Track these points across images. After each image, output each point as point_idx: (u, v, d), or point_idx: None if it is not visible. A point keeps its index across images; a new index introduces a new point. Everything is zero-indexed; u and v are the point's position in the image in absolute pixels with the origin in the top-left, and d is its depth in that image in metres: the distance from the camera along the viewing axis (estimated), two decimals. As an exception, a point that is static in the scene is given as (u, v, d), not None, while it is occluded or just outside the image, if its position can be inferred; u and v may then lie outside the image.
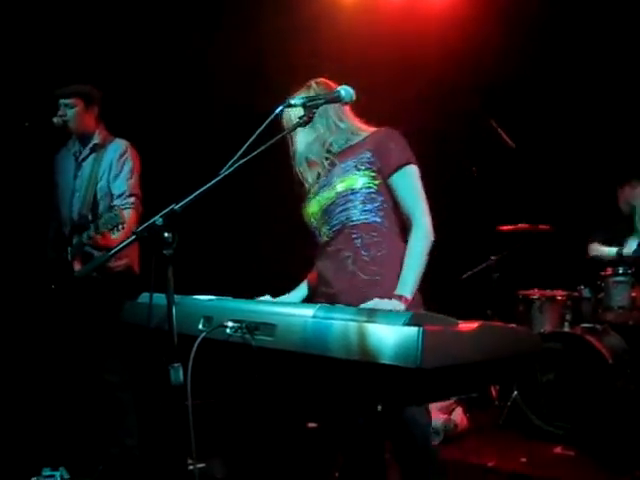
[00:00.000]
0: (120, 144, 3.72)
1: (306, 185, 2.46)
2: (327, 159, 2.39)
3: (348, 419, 2.35)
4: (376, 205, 2.30)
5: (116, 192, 3.63)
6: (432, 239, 2.24)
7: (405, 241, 2.29)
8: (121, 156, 3.68)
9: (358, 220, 2.29)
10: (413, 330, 1.41)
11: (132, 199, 3.61)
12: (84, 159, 3.74)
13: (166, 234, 1.76)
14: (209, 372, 1.99)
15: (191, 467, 1.83)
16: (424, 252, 2.21)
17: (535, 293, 4.87)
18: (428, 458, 2.30)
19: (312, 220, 2.43)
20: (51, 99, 3.70)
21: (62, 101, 3.66)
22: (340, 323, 1.57)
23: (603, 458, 3.85)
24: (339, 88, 2.15)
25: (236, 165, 1.88)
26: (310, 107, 1.99)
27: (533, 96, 5.40)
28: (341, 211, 2.31)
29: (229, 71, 4.96)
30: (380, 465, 2.32)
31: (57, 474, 3.45)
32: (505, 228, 5.09)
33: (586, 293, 4.90)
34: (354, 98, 2.16)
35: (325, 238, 2.38)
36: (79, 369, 3.70)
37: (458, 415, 4.35)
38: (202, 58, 5.02)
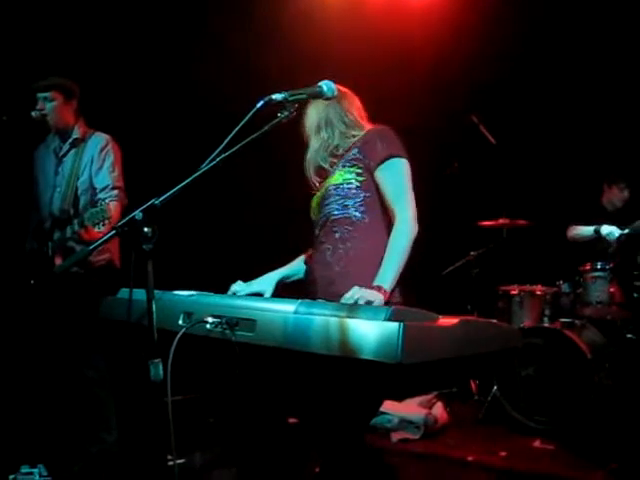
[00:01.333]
0: (101, 138, 3.69)
1: (314, 189, 2.54)
2: (333, 164, 2.46)
3: (328, 414, 2.35)
4: (357, 200, 2.33)
5: (99, 186, 3.60)
6: (414, 233, 2.24)
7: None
8: (102, 150, 3.65)
9: (338, 214, 2.35)
10: (394, 325, 1.41)
11: (116, 192, 3.58)
12: (64, 154, 3.70)
13: (146, 229, 1.74)
14: (189, 368, 1.98)
15: (171, 463, 1.82)
16: (405, 246, 2.21)
17: (515, 288, 4.91)
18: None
19: (314, 215, 2.52)
20: (29, 92, 3.66)
21: (40, 95, 3.61)
22: (321, 318, 1.57)
23: (581, 451, 3.90)
24: (321, 83, 2.13)
25: (216, 160, 1.87)
26: (292, 102, 1.98)
27: (513, 92, 5.43)
28: (326, 205, 2.39)
29: (212, 65, 4.94)
30: (362, 459, 2.31)
31: (35, 471, 3.41)
32: (485, 223, 5.12)
33: (565, 288, 4.95)
34: (336, 93, 2.15)
35: (316, 231, 2.46)
36: (58, 365, 3.67)
37: (438, 410, 4.38)
38: (184, 52, 5.00)
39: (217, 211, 5.25)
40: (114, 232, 1.78)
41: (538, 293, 4.84)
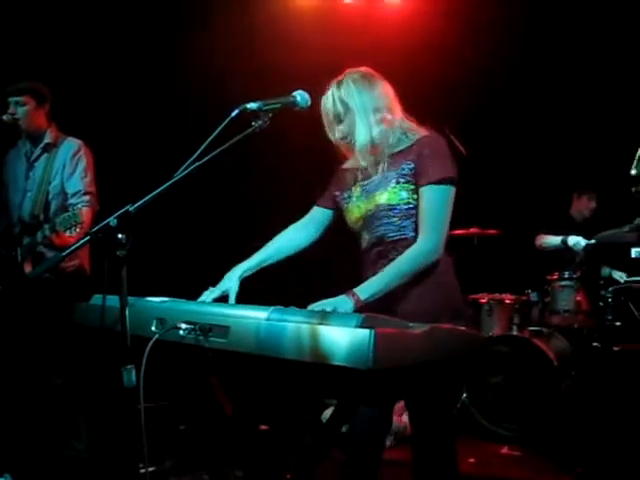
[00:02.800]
0: (73, 143, 3.68)
1: (346, 167, 2.44)
2: (377, 164, 2.32)
3: (301, 420, 2.37)
4: (414, 220, 2.24)
5: (71, 191, 3.58)
6: (430, 261, 2.19)
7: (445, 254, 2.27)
8: (74, 155, 3.64)
9: (395, 236, 2.26)
10: (365, 332, 1.43)
11: (88, 197, 3.58)
12: (36, 159, 3.68)
13: (120, 235, 1.76)
14: (161, 374, 1.99)
15: (142, 470, 1.82)
16: (409, 268, 2.16)
17: (484, 297, 4.97)
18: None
19: (353, 225, 2.39)
20: (0, 96, 3.63)
21: (12, 99, 3.60)
22: (293, 325, 1.58)
23: (548, 457, 3.96)
24: (295, 93, 2.14)
25: (190, 168, 1.89)
26: (266, 112, 2.00)
27: (483, 104, 5.52)
28: (379, 225, 2.28)
29: (186, 71, 4.95)
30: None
31: (1, 480, 3.38)
32: (456, 232, 5.18)
33: (533, 297, 5.04)
34: (309, 103, 2.16)
35: (365, 244, 2.36)
36: (26, 372, 3.63)
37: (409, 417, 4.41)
38: (160, 58, 5.00)
39: (190, 217, 5.24)
40: (88, 238, 1.79)
41: (507, 302, 4.91)
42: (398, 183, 2.24)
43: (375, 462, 2.37)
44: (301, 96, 2.15)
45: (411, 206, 2.24)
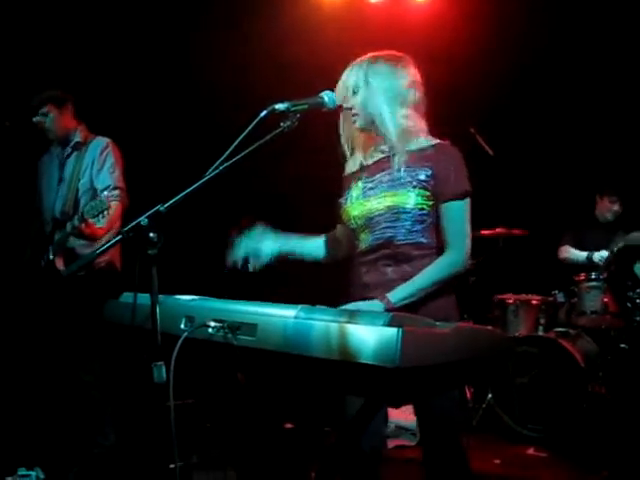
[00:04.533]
0: (101, 141, 3.77)
1: (347, 174, 2.44)
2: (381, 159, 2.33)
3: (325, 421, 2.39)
4: (424, 226, 2.23)
5: (100, 186, 3.65)
6: (458, 271, 2.20)
7: None
8: (102, 152, 3.72)
9: (404, 240, 2.23)
10: (393, 330, 1.45)
11: (117, 192, 3.63)
12: (67, 158, 3.77)
13: (151, 234, 1.79)
14: (188, 372, 2.01)
15: (172, 466, 1.85)
16: (440, 276, 2.17)
17: (510, 297, 4.95)
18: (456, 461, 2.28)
19: (352, 222, 2.34)
20: (30, 100, 3.73)
21: (39, 110, 3.70)
22: (321, 324, 1.60)
23: (574, 459, 3.93)
24: (322, 94, 2.16)
25: (220, 169, 1.91)
26: (294, 112, 2.02)
27: (510, 104, 5.49)
28: (387, 227, 2.24)
29: (217, 72, 4.99)
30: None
31: (33, 474, 3.43)
32: (482, 232, 5.16)
33: (560, 298, 5.00)
34: (337, 104, 2.18)
35: (365, 245, 2.31)
36: (56, 368, 3.70)
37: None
38: (190, 60, 5.05)
39: (220, 217, 5.28)
40: (120, 237, 1.82)
41: (533, 302, 4.88)
42: (414, 187, 2.21)
43: (376, 461, 2.35)
44: (329, 97, 2.16)
45: (424, 212, 2.21)
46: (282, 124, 2.01)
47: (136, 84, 4.88)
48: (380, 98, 2.25)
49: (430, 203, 2.21)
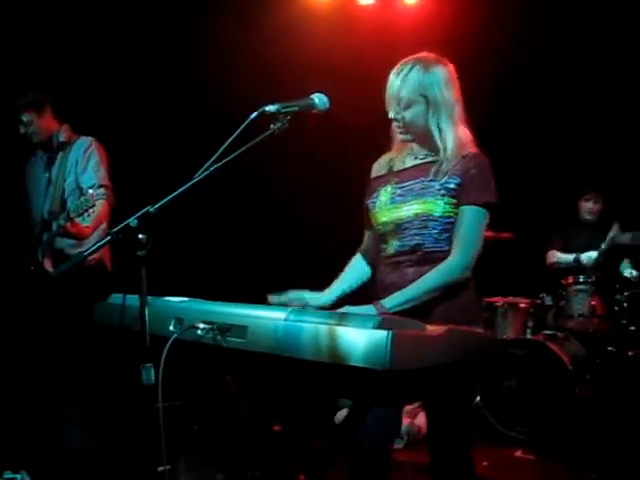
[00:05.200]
0: (84, 140, 3.77)
1: (374, 176, 2.42)
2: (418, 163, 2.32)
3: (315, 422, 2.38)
4: (450, 234, 2.22)
5: (85, 185, 3.63)
6: (461, 278, 2.19)
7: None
8: (86, 151, 3.72)
9: (432, 247, 2.22)
10: (382, 333, 1.45)
11: (102, 190, 3.63)
12: (52, 159, 3.77)
13: (140, 235, 1.78)
14: (177, 374, 2.01)
15: (160, 469, 1.84)
16: (438, 283, 2.16)
17: (499, 300, 4.96)
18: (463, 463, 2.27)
19: (380, 227, 2.34)
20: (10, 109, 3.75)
21: (19, 117, 3.72)
22: (311, 326, 1.60)
23: (562, 461, 3.95)
24: (312, 96, 2.15)
25: (210, 170, 1.91)
26: (285, 114, 2.01)
27: (500, 106, 5.51)
28: (416, 234, 2.24)
29: (208, 73, 4.99)
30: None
31: (18, 477, 3.41)
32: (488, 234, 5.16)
33: (548, 301, 5.02)
34: (327, 106, 2.17)
35: (392, 250, 2.30)
36: (34, 366, 3.68)
37: (422, 419, 4.41)
38: (181, 60, 5.04)
39: (210, 218, 5.28)
40: (109, 238, 1.82)
41: (521, 305, 4.90)
42: (443, 196, 2.20)
43: (384, 466, 2.34)
44: (319, 99, 2.15)
45: (451, 220, 2.21)
46: (272, 126, 2.01)
47: (125, 84, 4.87)
48: (439, 114, 2.23)
49: (457, 211, 2.21)
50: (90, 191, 3.34)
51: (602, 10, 5.12)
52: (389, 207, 2.30)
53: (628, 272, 4.79)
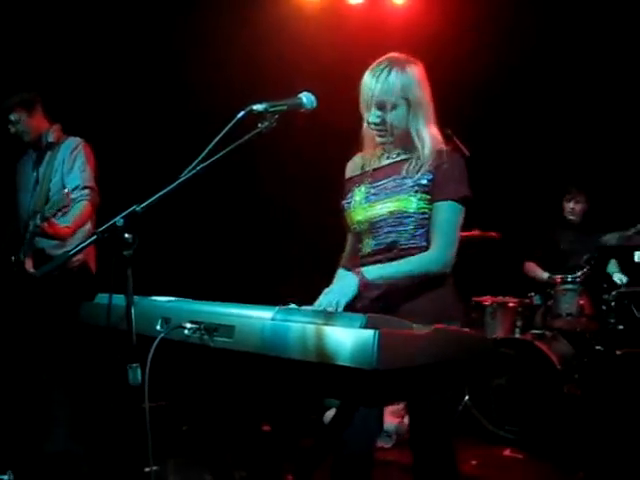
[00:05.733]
0: (72, 141, 3.78)
1: (348, 177, 2.43)
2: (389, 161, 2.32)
3: (303, 422, 2.37)
4: (426, 230, 2.24)
5: (70, 186, 3.62)
6: (438, 272, 2.21)
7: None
8: (73, 151, 3.73)
9: (407, 244, 2.23)
10: (369, 332, 1.44)
11: (87, 191, 3.66)
12: (41, 159, 3.78)
13: (126, 235, 1.77)
14: (164, 374, 2.00)
15: (147, 469, 1.83)
16: (417, 270, 2.18)
17: (487, 300, 4.98)
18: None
19: (355, 226, 2.35)
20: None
21: (9, 116, 3.71)
22: (298, 325, 1.59)
23: (551, 460, 3.96)
24: (301, 95, 2.14)
25: (197, 169, 1.90)
26: (273, 113, 2.01)
27: (489, 105, 5.52)
28: (390, 232, 2.25)
29: (192, 71, 4.97)
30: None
31: (5, 478, 3.39)
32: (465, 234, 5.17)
33: (536, 300, 5.04)
34: (315, 105, 2.16)
35: (368, 249, 2.32)
36: (26, 371, 3.66)
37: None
38: (167, 59, 5.03)
39: (196, 217, 5.27)
40: (95, 237, 1.80)
41: (510, 305, 4.92)
42: (416, 192, 2.21)
43: (368, 464, 2.34)
44: (307, 97, 2.14)
45: (425, 216, 2.22)
46: (260, 125, 2.00)
47: (112, 83, 4.84)
48: (418, 115, 2.24)
49: (430, 206, 2.23)
50: (65, 190, 3.35)
51: (592, 11, 5.14)
52: (364, 206, 2.31)
53: (618, 278, 4.81)
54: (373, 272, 2.14)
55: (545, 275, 5.04)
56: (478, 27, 5.16)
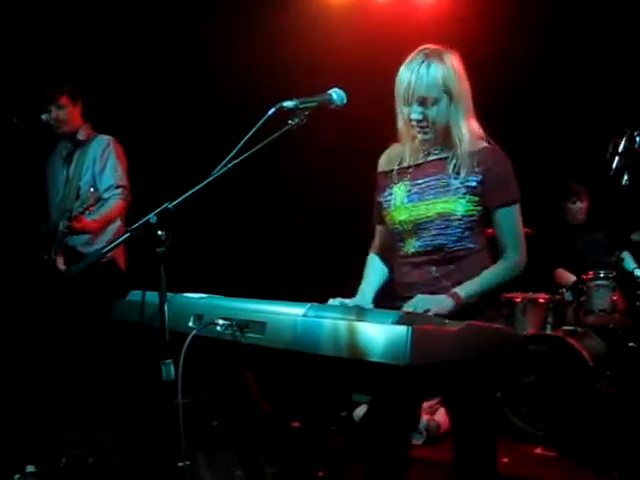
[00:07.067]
0: (103, 139, 3.80)
1: (382, 171, 2.38)
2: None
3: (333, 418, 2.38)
4: (473, 232, 2.22)
5: (103, 186, 3.67)
6: (515, 274, 2.24)
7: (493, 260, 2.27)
8: (104, 150, 3.75)
9: (454, 246, 2.20)
10: (402, 329, 1.44)
11: (119, 190, 3.70)
12: (70, 157, 3.81)
13: (159, 232, 1.79)
14: (196, 370, 2.01)
15: (180, 464, 1.85)
16: (501, 278, 2.22)
17: (518, 296, 4.92)
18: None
19: (397, 226, 2.28)
20: (38, 96, 3.74)
21: (52, 102, 3.71)
22: (330, 322, 1.60)
23: (583, 458, 3.91)
24: (330, 91, 2.14)
25: (228, 166, 1.91)
26: (303, 110, 2.01)
27: (515, 103, 5.45)
28: (438, 234, 2.20)
29: (222, 69, 5.00)
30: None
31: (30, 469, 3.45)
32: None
33: (568, 296, 4.96)
34: (345, 101, 2.15)
35: (412, 249, 2.26)
36: (57, 365, 3.71)
37: (441, 415, 4.39)
38: (196, 58, 5.07)
39: (228, 214, 5.30)
40: (128, 234, 1.82)
41: (541, 301, 4.85)
42: (465, 194, 2.17)
43: (403, 463, 2.32)
44: (337, 94, 2.14)
45: (473, 218, 2.19)
46: (290, 121, 2.00)
47: (142, 81, 4.89)
48: (458, 108, 2.19)
49: (479, 209, 2.20)
50: (91, 190, 3.40)
51: (626, 11, 5.03)
52: (407, 206, 2.25)
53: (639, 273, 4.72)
54: (466, 291, 2.12)
55: (572, 279, 4.98)
56: (509, 23, 5.09)
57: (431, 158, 2.28)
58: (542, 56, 5.25)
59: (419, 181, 2.26)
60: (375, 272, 2.42)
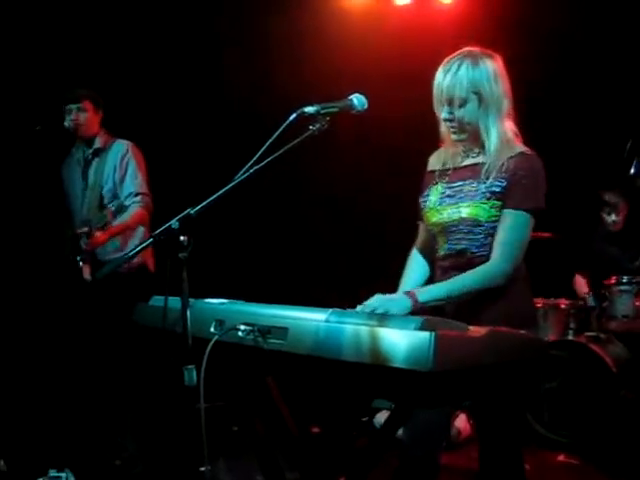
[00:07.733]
0: (121, 145, 3.80)
1: (430, 170, 2.37)
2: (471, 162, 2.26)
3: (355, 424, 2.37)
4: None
5: (124, 194, 3.68)
6: (495, 283, 2.11)
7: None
8: (124, 157, 3.75)
9: (478, 252, 2.18)
10: (425, 334, 1.44)
11: (139, 197, 3.69)
12: (88, 165, 3.81)
13: (182, 237, 1.80)
14: (217, 375, 2.02)
15: (202, 469, 1.85)
16: (474, 286, 2.10)
17: (539, 301, 4.88)
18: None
19: (431, 227, 2.31)
20: (59, 103, 3.75)
21: (73, 105, 3.71)
22: (352, 327, 1.59)
23: (606, 466, 3.87)
24: (351, 96, 2.14)
25: (250, 172, 1.92)
26: (324, 115, 2.01)
27: (545, 107, 5.40)
28: (462, 238, 2.20)
29: (245, 76, 5.02)
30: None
31: (63, 476, 3.46)
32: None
33: (590, 302, 4.90)
34: (366, 107, 2.15)
35: (442, 252, 2.28)
36: (84, 370, 3.73)
37: (462, 421, 4.37)
38: (218, 63, 5.09)
39: (249, 220, 5.31)
40: (150, 240, 1.84)
41: (563, 306, 4.81)
42: (488, 199, 2.15)
43: (432, 469, 2.30)
44: (358, 99, 2.14)
45: (496, 224, 2.16)
46: (311, 127, 2.01)
47: (164, 87, 4.92)
48: (488, 110, 2.17)
49: (500, 213, 2.16)
50: (105, 211, 3.44)
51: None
52: (437, 208, 2.26)
53: None
54: (425, 294, 2.07)
55: (584, 289, 4.92)
56: (528, 28, 5.06)
57: (468, 162, 2.28)
58: (567, 59, 5.22)
59: (454, 184, 2.26)
60: (414, 269, 2.42)
